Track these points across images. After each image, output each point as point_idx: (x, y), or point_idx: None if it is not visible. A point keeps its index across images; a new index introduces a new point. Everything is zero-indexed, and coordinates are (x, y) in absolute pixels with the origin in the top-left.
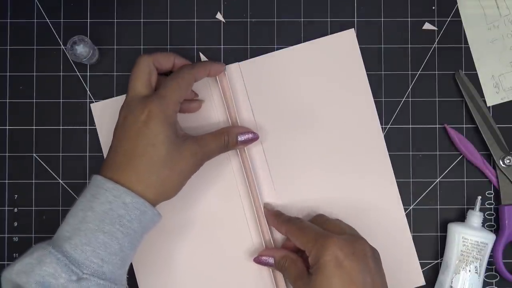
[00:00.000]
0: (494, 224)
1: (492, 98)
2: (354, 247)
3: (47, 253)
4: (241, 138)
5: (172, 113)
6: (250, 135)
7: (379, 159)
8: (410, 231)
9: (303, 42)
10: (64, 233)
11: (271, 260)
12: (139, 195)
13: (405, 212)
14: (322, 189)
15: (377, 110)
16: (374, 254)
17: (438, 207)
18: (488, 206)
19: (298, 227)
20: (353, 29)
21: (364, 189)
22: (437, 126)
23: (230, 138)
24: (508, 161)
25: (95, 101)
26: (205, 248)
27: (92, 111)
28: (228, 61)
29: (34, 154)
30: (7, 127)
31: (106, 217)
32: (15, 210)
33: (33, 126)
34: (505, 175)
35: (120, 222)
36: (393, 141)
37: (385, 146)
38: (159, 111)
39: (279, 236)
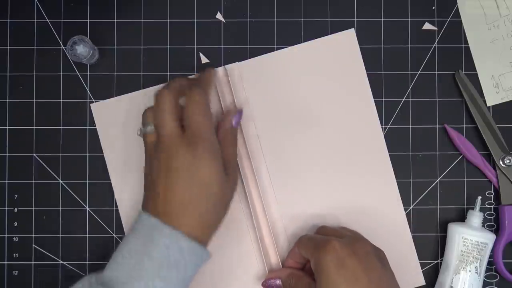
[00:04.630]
0: (494, 224)
1: (492, 98)
2: (355, 247)
3: None
4: (234, 123)
5: (216, 144)
6: (235, 116)
7: (379, 159)
8: (410, 231)
9: (303, 42)
10: (119, 278)
11: (278, 282)
12: (195, 237)
13: (405, 212)
14: (322, 189)
15: (377, 110)
16: (379, 253)
17: (438, 207)
18: (488, 206)
19: (305, 239)
20: (353, 29)
21: (364, 189)
22: (437, 126)
23: (231, 132)
24: (508, 161)
25: (95, 101)
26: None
27: (92, 111)
28: (228, 61)
29: (34, 154)
30: (7, 127)
31: (163, 262)
32: (15, 210)
33: (33, 126)
34: (505, 175)
35: (176, 266)
36: (393, 141)
37: (386, 146)
38: (205, 146)
39: (282, 247)
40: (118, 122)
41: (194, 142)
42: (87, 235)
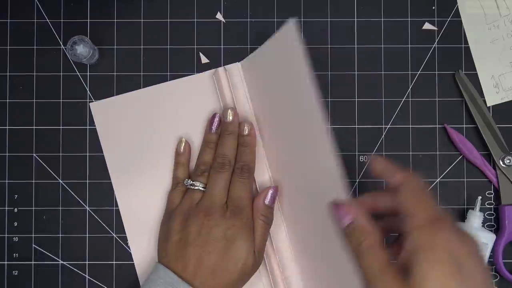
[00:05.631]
0: (494, 224)
1: (492, 98)
2: (470, 242)
3: None
4: (268, 201)
5: (251, 222)
6: (270, 192)
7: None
8: None
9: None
10: None
11: (348, 219)
12: None
13: None
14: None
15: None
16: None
17: None
18: (488, 206)
19: (418, 198)
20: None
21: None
22: (437, 126)
23: (264, 213)
24: (508, 161)
25: (95, 101)
26: None
27: (92, 111)
28: (228, 61)
29: (34, 154)
30: (7, 127)
31: None
32: (15, 210)
33: (33, 126)
34: (505, 175)
35: None
36: (393, 141)
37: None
38: (244, 222)
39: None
40: (117, 121)
41: (235, 215)
42: (87, 235)
